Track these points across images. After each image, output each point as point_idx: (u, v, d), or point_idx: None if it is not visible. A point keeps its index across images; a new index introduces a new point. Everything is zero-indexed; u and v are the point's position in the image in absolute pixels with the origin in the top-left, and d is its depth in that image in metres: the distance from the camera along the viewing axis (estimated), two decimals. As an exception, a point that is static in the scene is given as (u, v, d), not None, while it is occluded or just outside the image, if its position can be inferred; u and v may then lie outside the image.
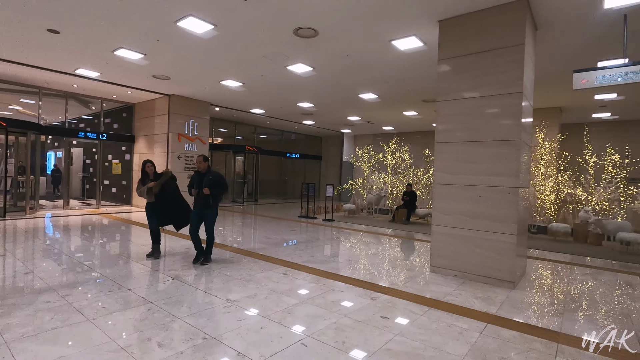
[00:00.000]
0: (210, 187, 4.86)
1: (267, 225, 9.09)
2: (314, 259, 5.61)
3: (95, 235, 7.19)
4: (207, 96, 10.68)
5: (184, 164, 10.86)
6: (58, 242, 6.32)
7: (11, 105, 12.65)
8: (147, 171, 5.16)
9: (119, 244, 6.52)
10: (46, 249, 5.71)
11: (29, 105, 12.02)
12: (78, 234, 7.15)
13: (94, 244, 6.34)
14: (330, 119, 14.13)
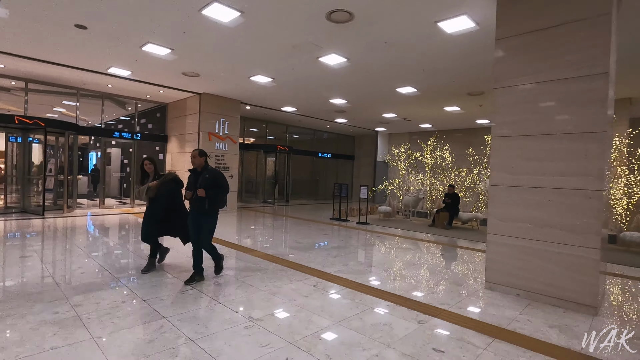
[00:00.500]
0: (206, 188, 3.97)
1: (298, 227, 8.62)
2: (348, 268, 5.03)
3: (122, 236, 7.05)
4: (238, 94, 10.42)
5: (215, 163, 10.67)
6: (84, 244, 6.20)
7: (56, 108, 13.17)
8: (145, 170, 4.45)
9: (145, 246, 6.30)
10: (72, 251, 5.56)
11: (70, 107, 12.41)
12: (106, 234, 7.04)
13: (119, 247, 6.15)
14: (364, 117, 13.47)
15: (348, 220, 10.12)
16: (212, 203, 4.05)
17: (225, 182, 4.16)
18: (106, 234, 6.97)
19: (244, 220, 9.67)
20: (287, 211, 12.26)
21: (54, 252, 5.47)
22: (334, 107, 11.77)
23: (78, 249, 5.65)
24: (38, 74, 8.85)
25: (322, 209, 13.30)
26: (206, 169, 4.14)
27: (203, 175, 4.08)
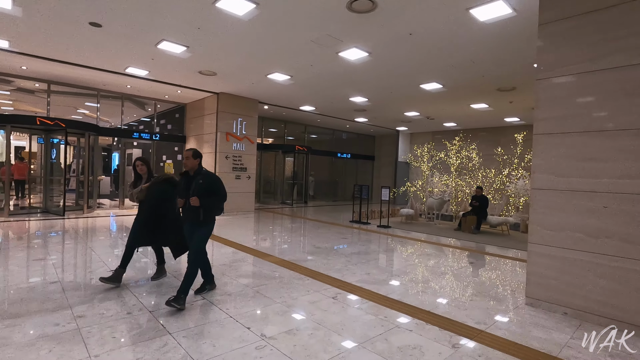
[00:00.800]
0: (200, 196, 3.42)
1: (316, 231, 8.28)
2: (370, 277, 4.65)
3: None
4: (255, 93, 10.20)
5: (232, 163, 10.49)
6: (98, 247, 6.07)
7: (79, 109, 13.39)
8: (138, 172, 4.01)
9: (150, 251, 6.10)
10: (84, 253, 5.43)
11: (92, 108, 12.57)
12: (121, 236, 6.92)
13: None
14: (385, 115, 13.00)
15: (368, 223, 9.71)
16: (207, 213, 3.53)
17: (222, 188, 3.62)
18: (121, 236, 6.86)
19: (261, 222, 9.43)
20: (305, 213, 11.96)
21: (66, 254, 5.35)
22: (354, 106, 11.38)
23: (91, 251, 5.51)
24: (59, 75, 8.91)
25: (341, 211, 12.92)
26: (200, 173, 3.56)
27: (197, 180, 3.50)
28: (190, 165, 3.57)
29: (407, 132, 17.35)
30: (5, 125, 8.46)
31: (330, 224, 9.53)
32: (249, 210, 10.90)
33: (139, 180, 4.03)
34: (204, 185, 3.49)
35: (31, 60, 7.63)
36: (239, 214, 10.60)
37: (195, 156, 3.57)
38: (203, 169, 3.64)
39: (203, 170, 3.62)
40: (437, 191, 10.84)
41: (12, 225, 7.44)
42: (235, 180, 10.55)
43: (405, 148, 17.34)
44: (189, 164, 3.57)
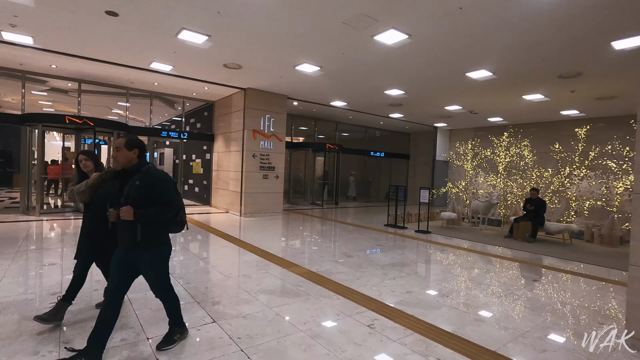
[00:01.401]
0: (135, 205, 2.33)
1: (348, 235, 7.57)
2: (412, 297, 3.88)
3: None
4: (283, 88, 9.65)
5: (259, 162, 10.02)
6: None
7: (113, 109, 13.56)
8: (82, 169, 3.06)
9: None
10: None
11: (124, 108, 12.62)
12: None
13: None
14: (422, 111, 12.01)
15: (405, 228, 8.85)
16: (147, 231, 2.39)
17: (170, 191, 2.43)
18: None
19: (289, 225, 8.86)
20: (336, 215, 11.27)
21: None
22: (389, 100, 10.53)
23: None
24: (88, 74, 8.83)
25: (374, 213, 12.11)
26: (139, 170, 2.41)
27: (132, 181, 2.38)
28: (123, 161, 2.40)
29: (446, 129, 16.16)
30: (37, 125, 8.48)
31: (363, 227, 8.78)
32: (277, 212, 10.39)
33: (84, 178, 3.05)
34: (140, 187, 2.35)
35: (57, 58, 7.53)
36: (267, 215, 10.11)
37: (129, 146, 2.41)
38: (146, 164, 2.47)
39: (145, 166, 2.44)
40: (482, 193, 9.76)
41: (37, 225, 7.36)
42: (263, 180, 10.07)
43: (443, 146, 16.16)
44: (121, 158, 2.40)
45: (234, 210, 10.17)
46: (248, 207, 9.81)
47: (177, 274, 4.33)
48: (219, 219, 9.19)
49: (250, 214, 9.83)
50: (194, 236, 6.89)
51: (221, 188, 11.15)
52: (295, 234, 7.60)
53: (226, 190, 10.76)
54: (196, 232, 7.32)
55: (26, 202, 8.71)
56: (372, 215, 11.48)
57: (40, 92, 10.89)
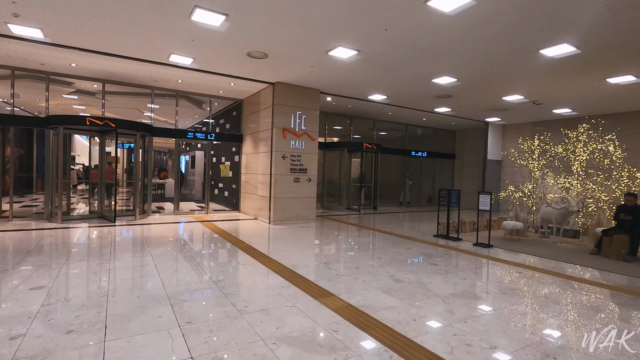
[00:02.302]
0: None
1: (392, 250, 6.36)
2: (498, 355, 2.64)
3: (163, 255, 5.71)
4: (315, 80, 8.62)
5: (290, 164, 9.05)
6: (117, 268, 4.94)
7: (145, 112, 13.28)
8: None
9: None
10: (93, 279, 4.29)
11: (156, 110, 12.23)
12: (154, 251, 5.79)
13: (149, 276, 4.71)
14: (475, 103, 10.48)
15: (460, 239, 7.46)
16: None
17: None
18: (154, 251, 5.73)
19: (323, 235, 7.79)
20: (375, 222, 10.05)
21: (74, 279, 4.25)
22: (436, 91, 9.17)
23: (101, 276, 4.35)
24: (110, 73, 8.34)
25: (418, 220, 10.74)
26: None
27: None
28: None
29: (498, 124, 14.36)
30: (58, 127, 8.08)
31: (408, 238, 7.51)
32: (310, 219, 9.36)
33: None
34: None
35: (73, 54, 7.03)
36: (298, 223, 9.11)
37: None
38: None
39: None
40: (551, 197, 8.12)
41: (55, 233, 6.85)
42: (294, 184, 9.10)
43: (496, 144, 14.36)
44: None
45: (263, 217, 9.28)
46: (277, 213, 8.86)
47: (182, 311, 3.39)
48: (245, 228, 8.32)
49: (280, 222, 8.88)
50: (215, 249, 6.01)
51: (250, 193, 10.33)
52: (329, 248, 6.50)
53: (254, 195, 9.92)
54: (218, 243, 6.44)
55: (50, 208, 8.35)
56: (416, 223, 10.14)
57: (71, 96, 10.69)
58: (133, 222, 8.39)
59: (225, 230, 7.71)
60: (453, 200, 7.53)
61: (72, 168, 21.25)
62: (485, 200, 6.90)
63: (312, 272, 4.81)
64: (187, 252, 5.74)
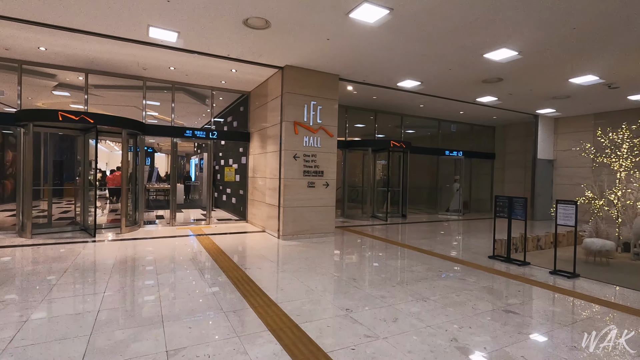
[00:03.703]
0: None
1: (440, 283, 4.59)
2: None
3: (124, 289, 4.17)
4: (333, 62, 6.97)
5: (303, 165, 7.43)
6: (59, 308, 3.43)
7: (148, 111, 12.04)
8: None
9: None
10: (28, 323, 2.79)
11: (158, 107, 10.97)
12: (81, 295, 4.28)
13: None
14: (530, 88, 8.52)
15: (526, 264, 5.59)
16: None
17: None
18: (111, 287, 4.21)
19: (343, 256, 6.10)
20: (406, 234, 8.25)
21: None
22: (486, 72, 7.33)
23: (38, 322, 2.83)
24: (90, 59, 7.03)
25: (457, 231, 8.86)
26: None
27: None
28: None
29: (550, 118, 12.23)
30: (28, 124, 6.81)
31: (456, 261, 5.71)
32: (327, 232, 7.70)
33: None
34: None
35: (35, 33, 5.72)
36: (313, 237, 7.47)
37: None
38: None
39: None
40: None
41: (5, 253, 5.49)
42: (308, 190, 7.47)
43: (546, 140, 12.23)
44: None
45: (271, 230, 7.70)
46: (288, 225, 7.25)
47: None
48: (248, 245, 6.76)
49: (291, 236, 7.27)
50: (193, 284, 4.44)
51: (257, 200, 8.79)
52: (351, 279, 4.81)
53: (262, 203, 8.36)
54: (204, 271, 4.87)
55: (21, 219, 7.08)
56: (457, 237, 8.26)
57: (62, 92, 9.54)
58: (115, 237, 6.99)
59: (222, 249, 6.16)
60: (517, 211, 5.66)
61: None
62: (568, 212, 5.01)
63: (328, 328, 3.13)
64: (149, 290, 4.19)
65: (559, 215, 5.12)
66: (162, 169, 26.85)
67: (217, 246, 6.42)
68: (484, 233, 8.84)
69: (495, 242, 6.15)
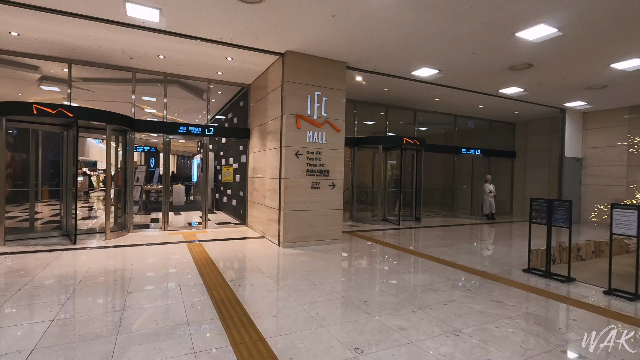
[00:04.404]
0: None
1: (471, 307, 3.72)
2: None
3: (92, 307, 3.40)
4: (340, 46, 6.14)
5: (306, 164, 6.61)
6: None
7: (147, 109, 11.39)
8: None
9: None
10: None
11: (155, 103, 10.30)
12: (28, 323, 3.52)
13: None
14: (563, 75, 7.57)
15: (571, 280, 4.66)
16: None
17: None
18: (67, 308, 3.45)
19: (351, 268, 5.26)
20: (422, 241, 7.37)
21: None
22: (515, 56, 6.42)
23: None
24: (69, 47, 6.35)
25: (480, 238, 7.94)
26: None
27: None
28: None
29: (578, 112, 11.19)
30: (1, 119, 6.14)
31: (485, 276, 4.82)
32: (334, 238, 6.86)
33: None
34: None
35: (3, 12, 5.02)
36: (318, 244, 6.65)
37: None
38: None
39: None
40: None
41: (-32, 265, 4.80)
42: (312, 191, 6.65)
43: (574, 137, 11.19)
44: None
45: (272, 236, 6.91)
46: (289, 232, 6.44)
47: None
48: (243, 254, 5.97)
49: (292, 243, 6.45)
50: (169, 305, 3.64)
51: (257, 202, 8.01)
52: (361, 300, 3.96)
53: (262, 206, 7.57)
54: (186, 289, 4.08)
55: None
56: (482, 244, 7.35)
57: (51, 88, 8.92)
58: (97, 245, 6.27)
59: (212, 260, 5.38)
60: (559, 217, 4.75)
61: (87, 173, 20.12)
62: (628, 218, 4.09)
63: (330, 381, 2.30)
64: (108, 319, 3.41)
65: (616, 223, 4.20)
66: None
67: (207, 255, 5.64)
68: (509, 239, 7.91)
69: (531, 254, 5.23)
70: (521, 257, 5.98)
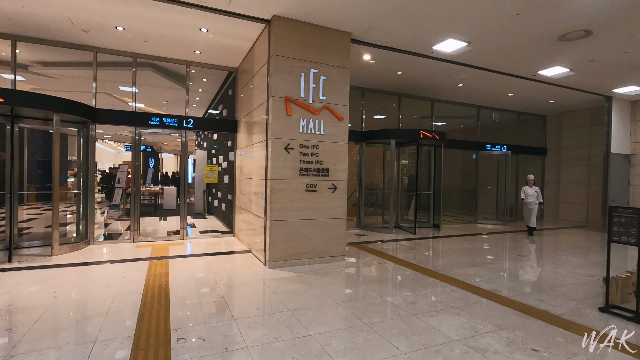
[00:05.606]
0: None
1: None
2: None
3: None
4: (342, 11, 4.71)
5: (299, 161, 5.19)
6: None
7: (130, 102, 10.13)
8: None
9: None
10: None
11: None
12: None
13: None
14: (626, 49, 5.98)
15: (680, 328, 3.18)
16: None
17: None
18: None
19: (354, 304, 3.81)
20: (446, 258, 5.86)
21: None
22: (571, 20, 4.90)
23: None
24: (5, 13, 5.06)
25: (514, 250, 6.37)
26: None
27: None
28: None
29: (626, 100, 9.53)
30: None
31: (544, 319, 3.33)
32: (335, 255, 5.42)
33: None
34: None
35: None
36: (316, 263, 5.23)
37: None
38: None
39: None
40: None
41: None
42: (307, 195, 5.23)
43: (621, 130, 9.52)
44: None
45: (258, 250, 5.52)
46: (277, 248, 5.02)
47: None
48: (216, 278, 4.56)
49: (282, 262, 5.04)
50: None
51: (244, 208, 6.64)
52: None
53: (248, 213, 6.19)
54: (101, 348, 2.71)
55: None
56: (518, 259, 5.80)
57: (9, 76, 7.70)
58: (38, 264, 4.96)
59: (169, 289, 4.00)
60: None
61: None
62: None
63: None
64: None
65: None
66: (166, 170, 25.36)
67: (166, 281, 4.27)
68: (554, 255, 6.35)
69: (609, 286, 3.71)
70: (583, 283, 4.47)
